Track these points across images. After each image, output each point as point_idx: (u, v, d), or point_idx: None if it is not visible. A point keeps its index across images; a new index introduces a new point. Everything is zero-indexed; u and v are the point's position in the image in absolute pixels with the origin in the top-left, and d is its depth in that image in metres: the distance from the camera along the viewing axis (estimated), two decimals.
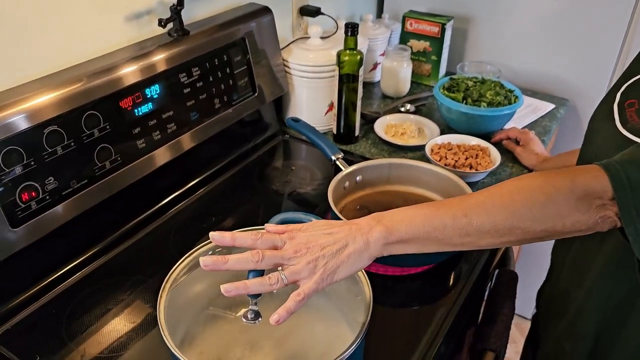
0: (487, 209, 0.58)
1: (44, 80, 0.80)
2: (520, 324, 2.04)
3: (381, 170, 1.08)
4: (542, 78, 1.57)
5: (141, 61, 0.91)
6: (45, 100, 0.77)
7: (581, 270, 0.78)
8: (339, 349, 0.59)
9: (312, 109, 1.29)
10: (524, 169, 1.22)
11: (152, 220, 0.98)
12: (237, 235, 0.61)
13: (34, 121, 0.75)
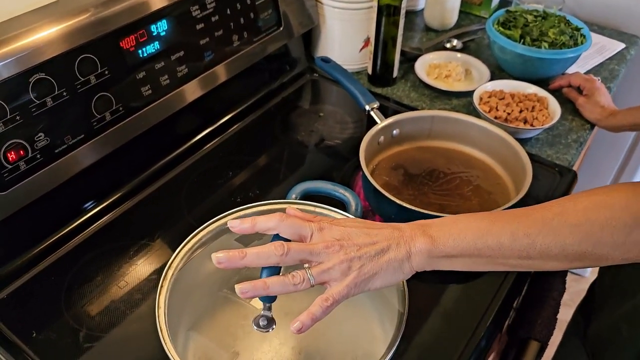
0: (555, 230, 0.47)
1: (26, 18, 0.68)
2: None
3: (422, 123, 0.94)
4: (612, 10, 1.36)
5: None
6: (28, 42, 0.64)
7: None
8: (368, 346, 0.50)
9: (346, 45, 1.13)
10: (586, 123, 1.06)
11: (160, 176, 0.88)
12: (258, 220, 0.51)
13: (17, 69, 0.64)
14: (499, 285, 0.75)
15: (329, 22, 1.11)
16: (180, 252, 0.61)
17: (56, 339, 0.66)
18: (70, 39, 0.68)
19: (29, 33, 0.65)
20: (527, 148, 0.97)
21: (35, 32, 0.65)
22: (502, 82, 1.07)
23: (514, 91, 1.05)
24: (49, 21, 0.67)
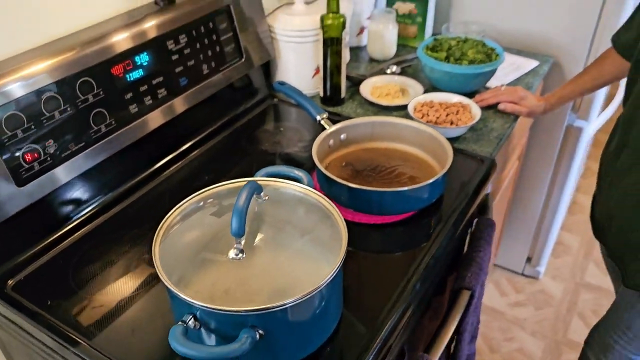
0: None
1: (39, 50, 0.86)
2: (512, 279, 2.12)
3: (364, 128, 1.13)
4: (527, 36, 1.61)
5: (130, 29, 0.96)
6: (41, 68, 0.82)
7: None
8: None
9: (300, 73, 1.34)
10: (506, 122, 1.27)
11: (148, 181, 1.04)
12: None
13: (32, 88, 0.81)
14: (428, 249, 0.91)
15: (284, 54, 1.31)
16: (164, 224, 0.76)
17: (67, 305, 0.80)
18: (73, 66, 0.86)
19: (42, 60, 0.83)
20: (456, 145, 1.18)
21: (47, 60, 0.83)
22: (432, 94, 1.28)
23: (442, 101, 1.26)
24: (57, 52, 0.85)
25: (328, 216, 0.79)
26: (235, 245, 0.67)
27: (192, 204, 0.80)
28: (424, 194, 0.97)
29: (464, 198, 1.03)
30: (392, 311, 0.80)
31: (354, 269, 0.87)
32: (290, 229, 0.80)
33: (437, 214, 1.00)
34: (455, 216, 0.99)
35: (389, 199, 0.96)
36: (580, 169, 2.48)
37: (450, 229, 0.97)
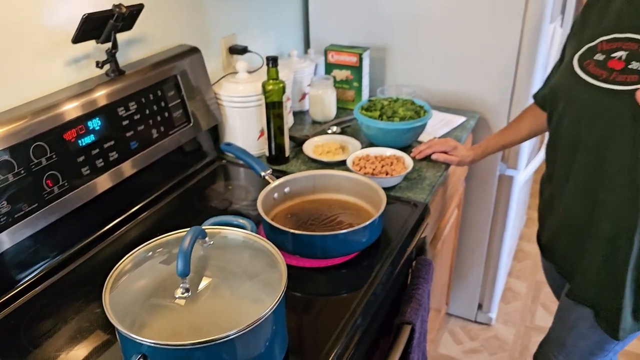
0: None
1: None
2: (466, 327, 2.18)
3: (307, 181, 1.22)
4: (454, 95, 1.77)
5: (82, 98, 1.03)
6: None
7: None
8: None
9: (246, 136, 1.43)
10: (438, 172, 1.38)
11: (101, 240, 1.08)
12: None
13: None
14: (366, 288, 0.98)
15: (230, 118, 1.41)
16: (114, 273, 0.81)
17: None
18: (27, 132, 0.92)
19: None
20: (392, 193, 1.27)
21: (1, 127, 0.89)
22: (369, 149, 1.39)
23: (377, 154, 1.37)
24: (12, 120, 0.91)
25: (272, 259, 0.85)
26: (181, 284, 0.72)
27: (141, 253, 0.85)
28: (362, 237, 1.05)
29: (401, 240, 1.11)
30: (335, 345, 0.85)
31: (300, 311, 0.92)
32: (236, 272, 0.85)
33: (376, 255, 1.07)
34: (393, 256, 1.07)
35: (331, 242, 1.03)
36: (522, 218, 2.64)
37: (388, 268, 1.04)
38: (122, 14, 1.07)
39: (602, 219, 1.08)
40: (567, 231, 1.18)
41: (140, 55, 1.24)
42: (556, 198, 1.19)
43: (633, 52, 0.98)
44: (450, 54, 1.72)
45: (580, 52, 1.08)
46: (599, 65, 1.02)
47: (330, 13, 1.85)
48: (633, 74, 0.96)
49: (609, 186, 1.04)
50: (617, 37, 1.02)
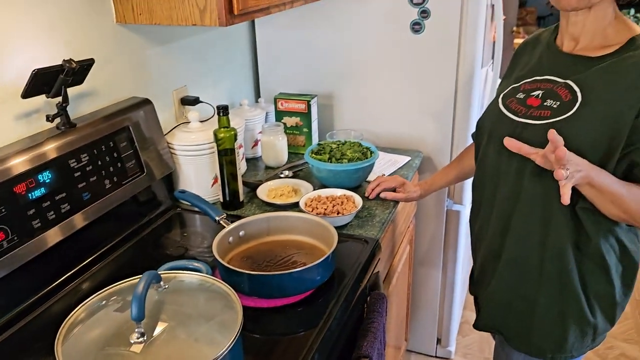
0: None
1: None
2: None
3: (261, 223, 1.25)
4: (398, 137, 1.87)
5: (31, 152, 1.04)
6: None
7: None
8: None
9: (200, 183, 1.46)
10: (387, 209, 1.44)
11: (52, 296, 1.07)
12: None
13: None
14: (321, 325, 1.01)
15: (183, 166, 1.44)
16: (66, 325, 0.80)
17: None
18: None
19: None
20: (344, 231, 1.32)
21: None
22: (320, 191, 1.44)
23: (328, 195, 1.42)
24: None
25: (228, 300, 0.86)
26: (136, 330, 0.73)
27: (95, 302, 0.85)
28: (316, 274, 1.08)
29: (354, 275, 1.15)
30: None
31: (258, 352, 0.94)
32: (192, 315, 0.86)
33: (331, 292, 1.10)
34: (347, 292, 1.10)
35: (286, 281, 1.05)
36: None
37: (343, 304, 1.07)
38: (73, 68, 1.09)
39: (513, 243, 1.14)
40: (489, 261, 1.22)
41: (91, 108, 1.26)
42: (483, 230, 1.24)
43: (548, 91, 1.08)
44: (393, 99, 1.82)
45: (506, 91, 1.18)
46: (519, 102, 1.12)
47: (278, 63, 1.93)
48: (547, 109, 1.06)
49: (522, 212, 1.11)
50: (537, 79, 1.13)
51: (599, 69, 1.03)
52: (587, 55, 1.06)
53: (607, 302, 1.14)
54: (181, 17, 1.23)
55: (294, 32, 1.87)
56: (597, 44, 1.06)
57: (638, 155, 1.00)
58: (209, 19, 1.20)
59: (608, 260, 1.10)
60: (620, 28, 1.05)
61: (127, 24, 1.30)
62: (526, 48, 1.24)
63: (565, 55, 1.10)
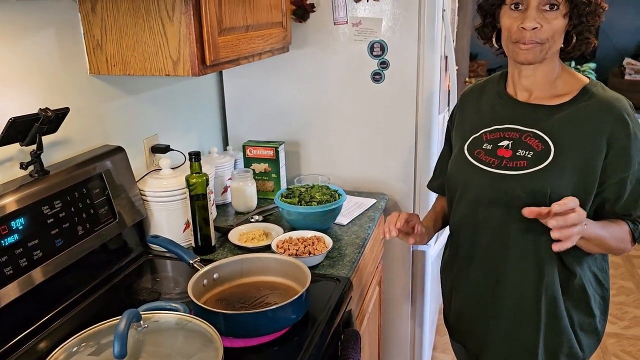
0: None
1: None
2: None
3: (234, 265, 1.27)
4: (364, 180, 1.94)
5: (4, 199, 1.05)
6: None
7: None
8: None
9: (172, 229, 1.47)
10: (357, 249, 1.48)
11: (20, 346, 1.05)
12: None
13: None
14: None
15: (155, 213, 1.45)
16: None
17: None
18: None
19: None
20: (316, 271, 1.35)
21: None
22: (291, 233, 1.48)
23: (299, 237, 1.46)
24: None
25: (206, 338, 0.88)
26: None
27: (68, 348, 0.85)
28: (290, 313, 1.10)
29: (328, 313, 1.18)
30: None
31: None
32: (171, 355, 0.87)
33: (306, 330, 1.12)
34: (321, 330, 1.12)
35: (261, 320, 1.07)
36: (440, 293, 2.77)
37: (318, 341, 1.09)
38: (48, 117, 1.12)
39: (506, 295, 1.17)
40: (473, 310, 1.25)
41: (65, 156, 1.28)
42: (461, 277, 1.27)
43: (517, 141, 1.14)
44: (358, 144, 1.91)
45: (468, 142, 1.22)
46: (489, 153, 1.16)
47: (245, 112, 2.00)
48: (522, 160, 1.12)
49: (512, 263, 1.15)
50: (498, 127, 1.18)
51: (562, 118, 1.11)
52: (545, 104, 1.14)
53: (590, 333, 1.20)
54: (155, 68, 1.28)
55: (261, 82, 1.95)
56: (549, 93, 1.15)
57: (608, 192, 1.10)
58: (182, 69, 1.26)
59: (589, 292, 1.16)
60: (567, 78, 1.15)
61: (100, 74, 1.34)
62: (470, 98, 1.29)
63: (522, 104, 1.17)
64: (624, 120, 1.08)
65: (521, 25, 1.07)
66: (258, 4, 1.47)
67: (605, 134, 1.08)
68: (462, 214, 1.23)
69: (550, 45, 1.09)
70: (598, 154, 1.08)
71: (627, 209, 1.12)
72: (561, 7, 1.06)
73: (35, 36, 1.20)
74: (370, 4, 1.75)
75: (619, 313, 2.81)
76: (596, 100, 1.10)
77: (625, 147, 1.08)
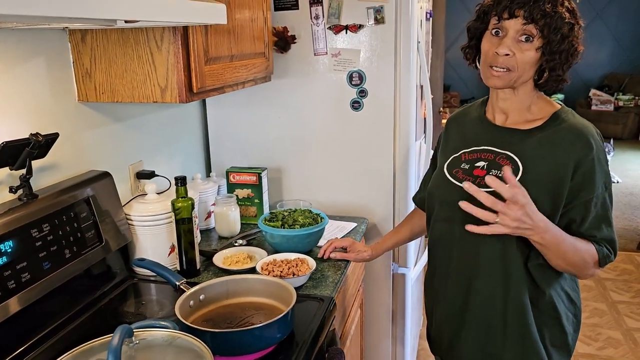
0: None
1: None
2: None
3: (220, 286, 1.29)
4: (345, 205, 1.99)
5: None
6: None
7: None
8: None
9: (157, 252, 1.49)
10: (339, 270, 1.52)
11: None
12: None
13: None
14: None
15: (141, 237, 1.47)
16: None
17: None
18: None
19: None
20: (300, 292, 1.38)
21: None
22: (275, 255, 1.51)
23: (283, 259, 1.49)
24: None
25: (197, 354, 0.90)
26: None
27: None
28: (276, 331, 1.13)
29: (312, 332, 1.20)
30: None
31: None
32: None
33: (291, 348, 1.15)
34: (306, 348, 1.15)
35: (247, 338, 1.10)
36: (420, 318, 2.81)
37: (303, 359, 1.11)
38: (39, 142, 1.15)
39: (476, 305, 1.23)
40: (449, 322, 1.30)
41: (53, 180, 1.30)
42: (440, 292, 1.33)
43: (491, 162, 1.22)
44: (338, 170, 1.96)
45: (448, 161, 1.30)
46: (466, 173, 1.24)
47: (228, 140, 2.04)
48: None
49: (484, 274, 1.22)
50: (476, 149, 1.26)
51: (533, 141, 1.18)
52: (519, 129, 1.22)
53: (562, 349, 1.25)
54: (143, 95, 1.33)
55: (243, 110, 2.00)
56: (525, 118, 1.22)
57: (574, 212, 1.16)
58: (170, 96, 1.31)
59: (560, 310, 1.22)
60: (542, 105, 1.23)
61: (89, 102, 1.38)
62: (455, 122, 1.39)
63: (499, 128, 1.24)
64: (590, 145, 1.15)
65: (495, 50, 1.15)
66: (242, 35, 1.54)
67: (572, 158, 1.14)
68: (439, 230, 1.30)
69: (520, 74, 1.15)
70: (565, 177, 1.14)
71: (591, 230, 1.17)
72: (535, 41, 1.13)
73: (26, 64, 1.23)
74: (349, 35, 1.84)
75: (593, 334, 2.88)
76: (566, 126, 1.17)
77: (591, 171, 1.14)
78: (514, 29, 1.13)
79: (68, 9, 0.70)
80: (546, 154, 1.17)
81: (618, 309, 3.14)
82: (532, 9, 1.11)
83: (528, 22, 1.11)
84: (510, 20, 1.13)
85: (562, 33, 1.12)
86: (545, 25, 1.11)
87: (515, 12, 1.12)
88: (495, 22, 1.16)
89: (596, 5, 7.95)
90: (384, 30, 1.82)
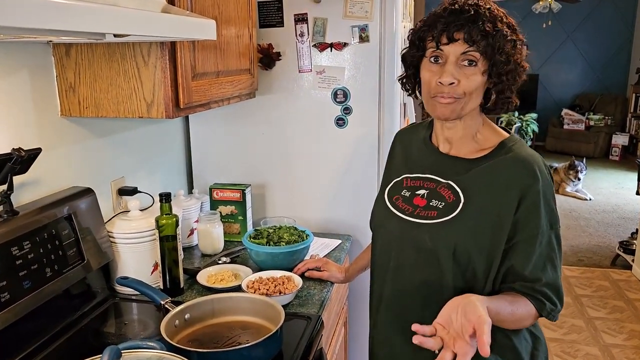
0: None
1: None
2: None
3: (206, 305, 1.26)
4: (329, 222, 1.98)
5: None
6: None
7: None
8: None
9: (139, 271, 1.45)
10: (324, 288, 1.51)
11: None
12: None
13: None
14: None
15: (123, 254, 1.44)
16: None
17: None
18: None
19: None
20: (287, 310, 1.36)
21: None
22: (260, 273, 1.49)
23: (269, 276, 1.47)
24: None
25: None
26: None
27: None
28: (264, 351, 1.11)
29: (301, 350, 1.19)
30: None
31: None
32: None
33: None
34: None
35: (235, 358, 1.07)
36: None
37: None
38: (22, 157, 1.12)
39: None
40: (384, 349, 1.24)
41: (34, 196, 1.27)
42: (378, 319, 1.25)
43: (432, 191, 1.14)
44: (323, 187, 1.96)
45: (389, 186, 1.22)
46: (406, 201, 1.17)
47: (211, 156, 2.03)
48: (433, 210, 1.12)
49: (414, 303, 1.14)
50: (419, 176, 1.18)
51: (477, 171, 1.11)
52: (464, 158, 1.14)
53: None
54: (128, 110, 1.31)
55: (227, 126, 1.99)
56: (470, 147, 1.14)
57: (517, 250, 1.07)
58: (156, 111, 1.29)
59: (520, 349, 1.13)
60: (489, 133, 1.15)
61: (72, 116, 1.35)
62: (401, 139, 1.32)
63: (444, 156, 1.17)
64: (536, 176, 1.07)
65: (439, 80, 1.06)
66: (228, 51, 1.54)
67: (517, 189, 1.06)
68: (376, 254, 1.25)
69: (467, 101, 1.07)
70: (509, 208, 1.06)
71: (536, 272, 1.07)
72: (479, 64, 1.05)
73: (8, 77, 1.21)
74: (334, 53, 1.85)
75: (572, 351, 2.91)
76: (512, 156, 1.10)
77: (535, 205, 1.06)
78: (454, 54, 1.05)
79: (62, 22, 0.68)
80: (490, 184, 1.09)
81: (595, 325, 3.19)
82: (471, 31, 1.03)
83: (469, 45, 1.03)
84: (449, 45, 1.05)
85: (507, 52, 1.05)
86: (487, 46, 1.03)
87: (454, 35, 1.04)
88: (433, 48, 1.07)
89: (567, 28, 8.22)
90: (369, 49, 1.84)
